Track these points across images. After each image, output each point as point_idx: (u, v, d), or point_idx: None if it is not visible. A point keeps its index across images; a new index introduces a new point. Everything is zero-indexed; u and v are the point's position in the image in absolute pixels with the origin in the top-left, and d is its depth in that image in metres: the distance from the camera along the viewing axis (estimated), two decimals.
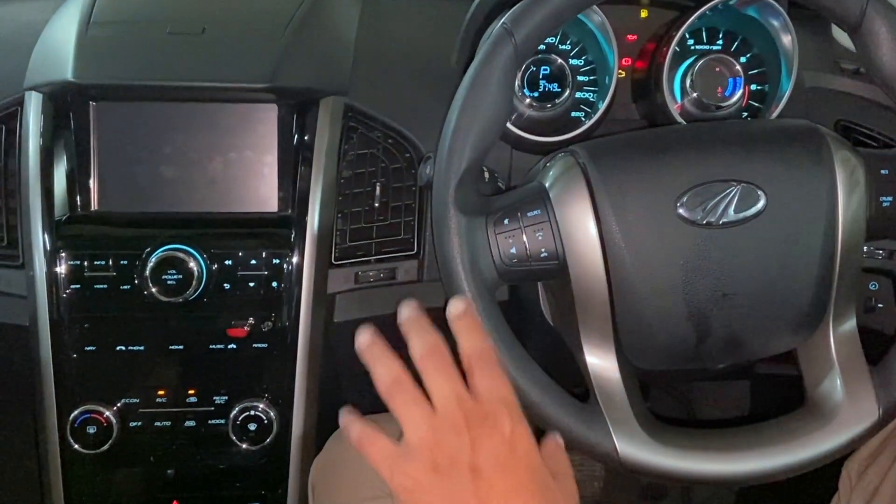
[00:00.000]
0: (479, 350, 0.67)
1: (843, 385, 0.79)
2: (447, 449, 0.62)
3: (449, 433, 0.62)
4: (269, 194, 1.00)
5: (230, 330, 0.99)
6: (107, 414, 0.98)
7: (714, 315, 0.76)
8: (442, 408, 0.64)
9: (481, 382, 0.65)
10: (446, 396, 0.64)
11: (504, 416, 0.63)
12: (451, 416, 0.63)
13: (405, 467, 0.63)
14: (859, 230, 0.77)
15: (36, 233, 0.95)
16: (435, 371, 0.65)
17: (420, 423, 0.63)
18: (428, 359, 0.66)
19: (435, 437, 0.62)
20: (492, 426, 0.63)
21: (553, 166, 0.79)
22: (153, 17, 1.03)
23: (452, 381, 0.65)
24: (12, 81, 0.99)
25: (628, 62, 1.05)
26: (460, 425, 0.62)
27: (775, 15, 0.97)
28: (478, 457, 0.61)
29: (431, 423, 0.63)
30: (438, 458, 0.62)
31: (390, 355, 0.68)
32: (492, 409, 0.64)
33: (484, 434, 0.62)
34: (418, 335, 0.68)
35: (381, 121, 1.01)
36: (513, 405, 0.65)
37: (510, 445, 0.62)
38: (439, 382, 0.65)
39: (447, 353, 0.66)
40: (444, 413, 0.63)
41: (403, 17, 1.15)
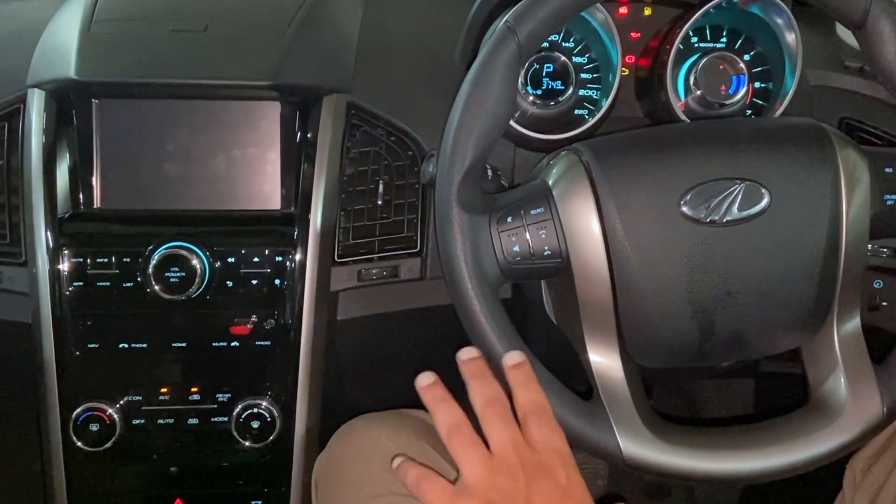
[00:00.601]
0: (535, 402, 0.70)
1: (848, 383, 0.79)
2: (503, 489, 0.65)
3: (505, 475, 0.65)
4: (272, 192, 1.00)
5: (233, 327, 0.99)
6: (110, 411, 0.98)
7: (718, 313, 0.76)
8: (499, 452, 0.67)
9: (537, 433, 0.68)
10: (504, 442, 0.67)
11: (559, 465, 0.67)
12: (508, 459, 0.66)
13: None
14: (863, 228, 0.77)
15: (39, 230, 0.95)
16: (494, 417, 0.68)
17: (477, 465, 0.66)
18: (489, 407, 0.69)
19: (491, 478, 0.65)
20: (547, 473, 0.66)
21: (556, 164, 0.79)
22: (156, 14, 1.02)
23: (510, 429, 0.68)
24: (15, 79, 0.99)
25: (632, 60, 1.05)
26: (516, 469, 0.66)
27: (779, 13, 0.97)
28: (533, 498, 0.64)
29: (489, 465, 0.66)
30: (494, 497, 0.65)
31: (451, 399, 0.71)
32: (547, 458, 0.67)
33: (539, 478, 0.65)
34: (480, 383, 0.71)
35: (384, 118, 1.01)
36: (567, 457, 0.68)
37: (565, 492, 0.66)
38: (498, 428, 0.68)
39: (507, 403, 0.70)
40: (501, 457, 0.67)
41: (406, 15, 1.14)
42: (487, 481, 0.65)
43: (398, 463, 0.74)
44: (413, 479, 0.71)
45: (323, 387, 1.03)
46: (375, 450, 0.92)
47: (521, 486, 0.64)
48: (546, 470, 0.66)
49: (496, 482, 0.65)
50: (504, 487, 0.65)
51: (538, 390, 0.71)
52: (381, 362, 1.17)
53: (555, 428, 0.69)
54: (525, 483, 0.65)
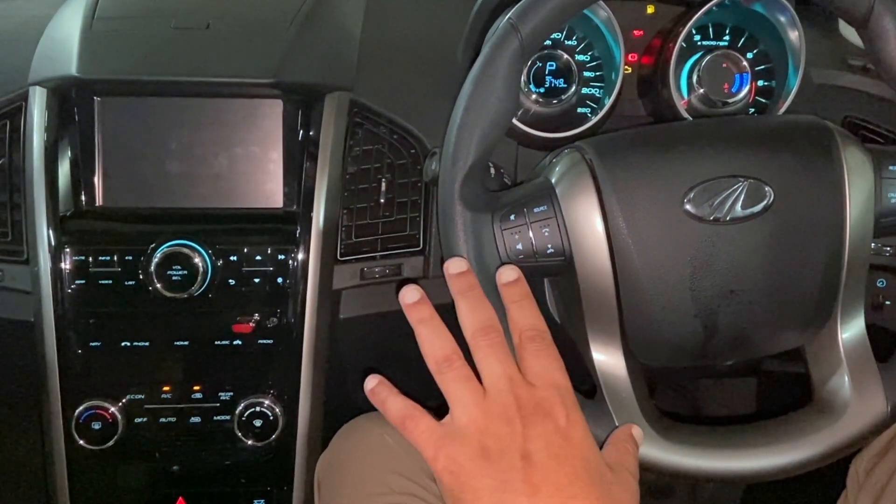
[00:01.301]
0: (533, 326, 0.65)
1: (852, 382, 0.78)
2: (498, 434, 0.60)
3: (499, 419, 0.60)
4: (275, 190, 1.00)
5: (235, 326, 0.99)
6: (112, 410, 0.98)
7: (721, 312, 0.76)
8: (493, 390, 0.61)
9: (535, 364, 0.63)
10: (498, 378, 0.62)
11: (558, 404, 0.61)
12: (503, 400, 0.61)
13: (451, 449, 0.61)
14: (867, 227, 0.77)
15: (40, 228, 0.95)
16: (488, 348, 0.63)
17: (470, 405, 0.61)
18: (481, 335, 0.63)
19: (485, 421, 0.60)
20: (545, 414, 0.60)
21: (559, 162, 0.79)
22: (157, 11, 1.02)
23: (505, 363, 0.62)
24: (16, 76, 0.99)
25: (634, 58, 1.05)
26: (512, 411, 0.60)
27: (782, 11, 0.97)
28: (529, 444, 0.59)
29: (482, 405, 0.61)
30: (488, 443, 0.60)
31: (444, 329, 0.65)
32: (545, 395, 0.62)
33: (537, 422, 0.60)
34: (471, 304, 0.65)
35: (387, 116, 1.01)
36: (567, 391, 0.63)
37: (564, 434, 0.60)
38: (491, 362, 0.62)
39: (501, 331, 0.64)
40: (495, 396, 0.61)
41: (409, 13, 1.14)
42: (480, 425, 0.60)
43: (373, 385, 0.68)
44: (396, 416, 0.65)
45: (325, 385, 1.03)
46: (378, 449, 0.92)
47: (517, 432, 0.59)
48: (544, 409, 0.61)
49: (490, 426, 0.60)
50: (499, 432, 0.59)
51: (536, 312, 0.66)
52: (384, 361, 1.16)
53: (554, 356, 0.64)
54: (521, 427, 0.59)
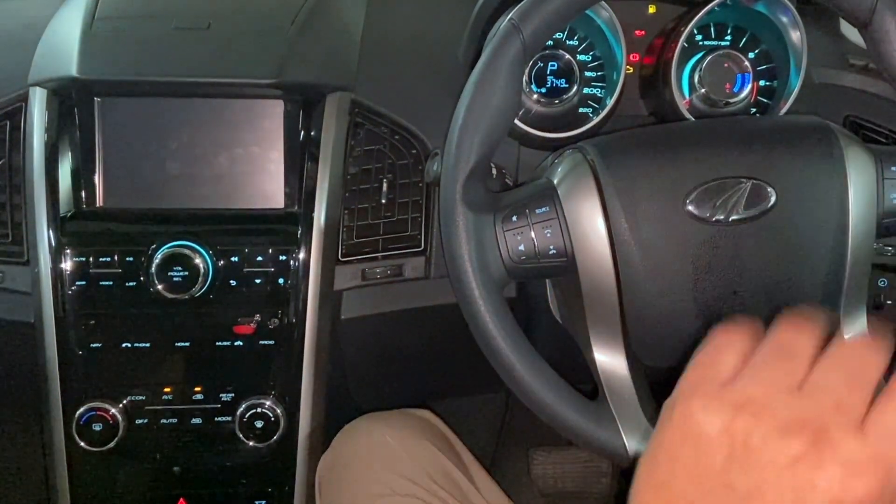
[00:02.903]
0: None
1: None
2: (756, 441, 0.43)
3: (779, 424, 0.43)
4: (276, 190, 1.00)
5: (236, 327, 0.99)
6: (113, 411, 0.98)
7: (724, 312, 0.75)
8: (812, 390, 0.45)
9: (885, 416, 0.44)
10: (833, 383, 0.45)
11: (872, 476, 0.41)
12: (809, 408, 0.44)
13: (708, 403, 0.46)
14: (869, 227, 0.77)
15: (41, 229, 0.95)
16: (857, 360, 0.46)
17: (770, 379, 0.46)
18: (860, 348, 0.46)
19: (763, 409, 0.44)
20: (847, 472, 0.41)
21: (561, 163, 0.79)
22: (158, 12, 1.02)
23: (863, 385, 0.45)
24: (17, 77, 0.98)
25: (636, 58, 1.05)
26: (807, 426, 0.43)
27: (784, 10, 0.97)
28: (779, 483, 0.42)
29: (780, 392, 0.45)
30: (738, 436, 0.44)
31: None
32: (865, 455, 0.42)
33: (824, 467, 0.42)
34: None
35: (388, 117, 1.01)
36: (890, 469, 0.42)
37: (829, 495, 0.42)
38: (846, 369, 0.45)
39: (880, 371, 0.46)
40: (808, 399, 0.44)
41: (410, 12, 1.14)
42: (760, 401, 0.44)
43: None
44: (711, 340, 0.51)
45: (327, 386, 1.03)
46: (379, 449, 0.92)
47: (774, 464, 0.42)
48: (843, 453, 0.41)
49: (771, 412, 0.43)
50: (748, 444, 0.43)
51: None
52: (385, 361, 1.17)
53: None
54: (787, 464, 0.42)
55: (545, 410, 0.74)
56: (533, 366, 0.74)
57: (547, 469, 1.60)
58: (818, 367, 0.46)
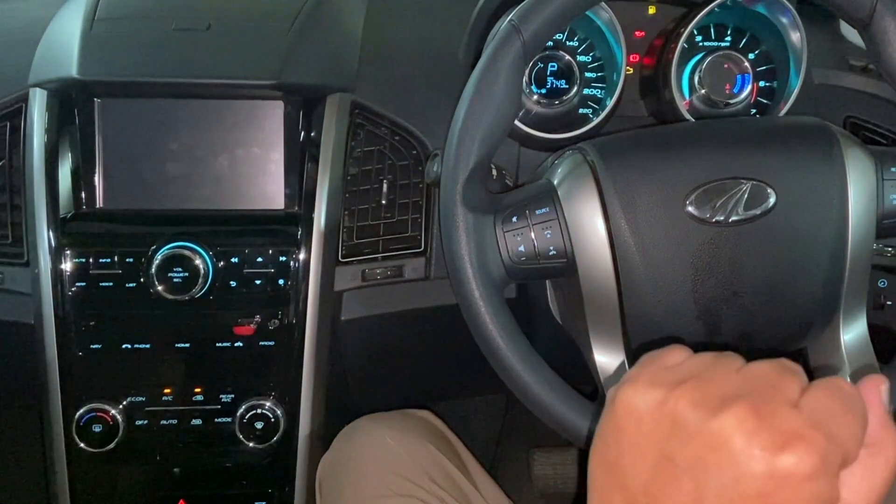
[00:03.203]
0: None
1: (854, 383, 0.78)
2: (705, 411, 0.43)
3: (723, 396, 0.43)
4: (276, 191, 1.00)
5: (237, 328, 0.99)
6: (113, 412, 0.98)
7: (724, 313, 0.76)
8: (754, 370, 0.45)
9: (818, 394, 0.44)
10: (770, 367, 0.45)
11: (805, 434, 0.41)
12: (751, 382, 0.44)
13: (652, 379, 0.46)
14: (869, 227, 0.77)
15: (41, 230, 0.95)
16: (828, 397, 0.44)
17: (713, 361, 0.47)
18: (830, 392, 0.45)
19: (707, 384, 0.44)
20: (771, 424, 0.41)
21: (561, 164, 0.79)
22: (158, 12, 1.02)
23: (802, 383, 0.45)
24: (17, 78, 0.98)
25: (636, 59, 1.05)
26: (747, 398, 0.43)
27: (784, 11, 0.97)
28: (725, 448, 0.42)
29: (722, 370, 0.45)
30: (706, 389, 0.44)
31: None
32: (803, 429, 0.42)
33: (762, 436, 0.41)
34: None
35: (388, 117, 1.01)
36: (835, 454, 0.42)
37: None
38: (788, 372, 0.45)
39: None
40: (749, 375, 0.45)
41: (410, 13, 1.14)
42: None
43: None
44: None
45: (327, 387, 1.03)
46: (379, 450, 0.92)
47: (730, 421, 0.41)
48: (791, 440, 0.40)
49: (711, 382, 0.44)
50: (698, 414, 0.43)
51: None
52: (385, 362, 1.17)
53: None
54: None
55: (545, 411, 0.74)
56: (533, 367, 0.74)
57: (547, 470, 1.60)
58: (754, 363, 0.46)
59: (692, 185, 0.74)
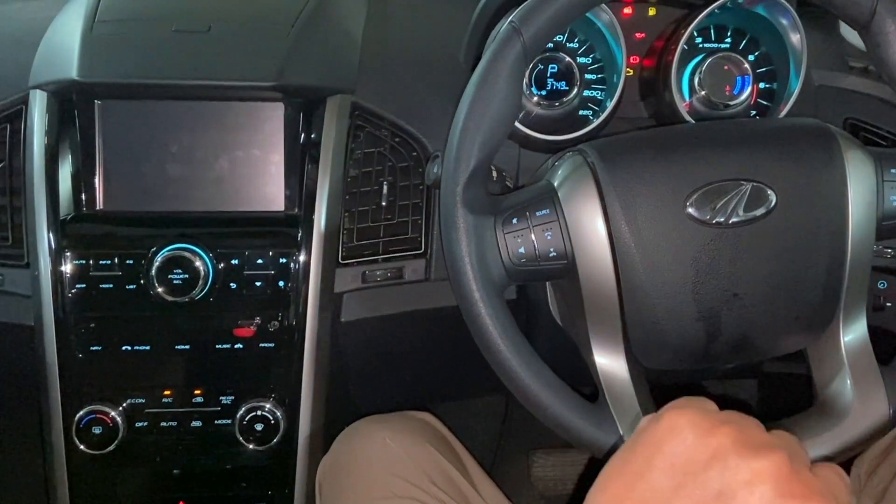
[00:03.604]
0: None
1: (854, 384, 0.78)
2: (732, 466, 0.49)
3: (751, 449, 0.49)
4: (276, 193, 1.00)
5: (237, 329, 0.99)
6: (112, 414, 0.98)
7: (724, 315, 0.75)
8: (778, 444, 0.51)
9: (829, 470, 0.53)
10: (789, 442, 0.52)
11: (818, 491, 0.48)
12: (778, 452, 0.49)
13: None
14: (869, 229, 0.77)
15: (41, 232, 0.95)
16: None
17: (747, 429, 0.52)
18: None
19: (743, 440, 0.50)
20: (790, 476, 0.48)
21: (562, 165, 0.79)
22: (158, 14, 1.02)
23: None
24: (17, 80, 0.98)
25: (636, 60, 1.05)
26: (753, 453, 0.49)
27: (784, 13, 0.97)
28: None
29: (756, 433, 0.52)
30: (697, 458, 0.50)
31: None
32: (817, 487, 0.49)
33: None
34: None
35: (389, 119, 1.01)
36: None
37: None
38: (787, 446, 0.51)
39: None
40: (776, 449, 0.50)
41: (410, 15, 1.14)
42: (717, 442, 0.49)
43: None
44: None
45: (327, 389, 1.03)
46: (379, 452, 0.92)
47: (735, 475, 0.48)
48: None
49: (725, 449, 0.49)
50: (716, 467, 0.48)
51: None
52: (386, 364, 1.16)
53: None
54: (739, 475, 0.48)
55: (545, 413, 0.74)
56: (533, 368, 0.74)
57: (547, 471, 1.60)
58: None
59: (692, 186, 0.74)
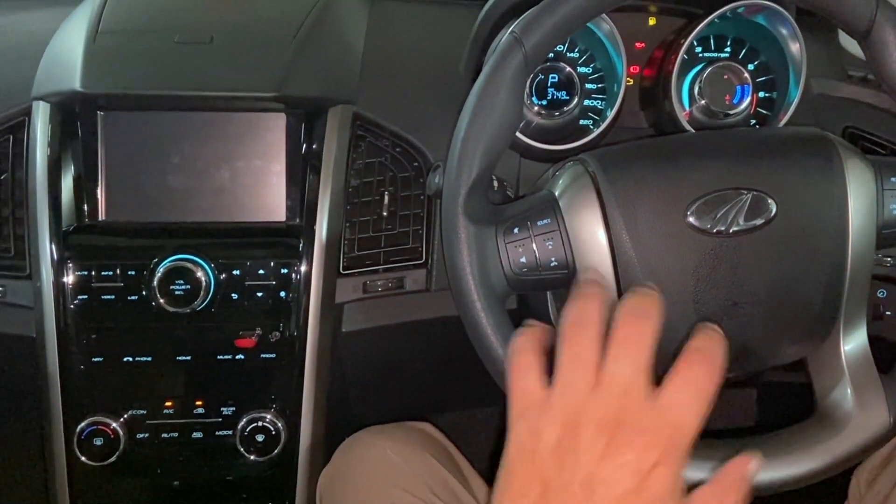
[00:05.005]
0: (703, 348, 0.56)
1: (854, 394, 0.78)
2: (575, 443, 0.51)
3: (589, 424, 0.51)
4: (277, 203, 1.00)
5: (238, 340, 0.98)
6: (114, 425, 0.98)
7: (725, 324, 0.75)
8: (607, 385, 0.52)
9: (674, 391, 0.53)
10: (619, 374, 0.52)
11: (660, 444, 0.50)
12: (607, 403, 0.51)
13: (534, 423, 0.53)
14: (869, 238, 0.77)
15: (43, 243, 0.95)
16: (632, 342, 0.54)
17: (574, 388, 0.52)
18: (629, 327, 0.55)
19: (575, 416, 0.51)
20: (640, 447, 0.50)
21: (562, 175, 0.79)
22: (161, 25, 1.02)
23: (639, 363, 0.53)
24: (20, 91, 0.99)
25: (636, 70, 1.05)
26: (608, 419, 0.51)
27: (783, 22, 0.97)
28: (599, 471, 0.50)
29: (583, 396, 0.52)
30: (565, 443, 0.51)
31: (603, 300, 0.57)
32: (653, 426, 0.51)
33: (622, 450, 0.50)
34: (634, 306, 0.57)
35: (390, 129, 1.01)
36: (683, 438, 0.52)
37: (639, 481, 0.50)
38: (626, 356, 0.53)
39: (652, 337, 0.55)
40: (604, 395, 0.52)
41: (411, 26, 1.14)
42: (570, 416, 0.52)
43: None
44: (514, 354, 0.57)
45: (328, 399, 1.03)
46: (380, 463, 0.92)
47: (596, 447, 0.50)
48: (644, 440, 0.50)
49: (577, 425, 0.51)
50: (578, 440, 0.51)
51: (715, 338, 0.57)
52: (387, 374, 1.16)
53: (697, 396, 0.53)
54: (604, 445, 0.50)
55: None
56: None
57: None
58: (607, 358, 0.54)
59: (693, 195, 0.74)
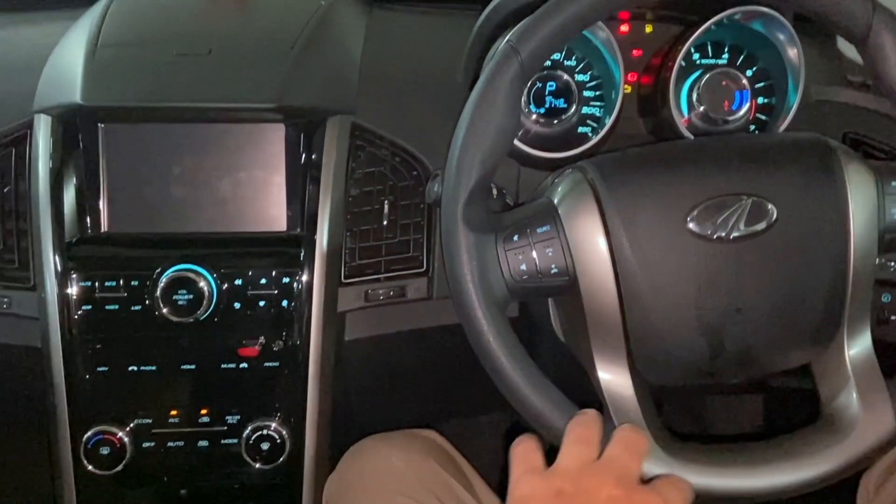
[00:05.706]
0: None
1: (860, 398, 0.78)
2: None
3: (585, 493, 0.63)
4: (278, 213, 1.00)
5: (241, 349, 0.99)
6: (120, 435, 0.98)
7: (727, 330, 0.76)
8: (606, 462, 0.65)
9: (669, 488, 0.66)
10: (613, 459, 0.66)
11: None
12: (602, 475, 0.64)
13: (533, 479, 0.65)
14: (871, 243, 0.77)
15: (47, 255, 0.95)
16: (625, 445, 0.67)
17: (575, 459, 0.66)
18: (625, 440, 0.69)
19: (574, 485, 0.63)
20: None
21: (562, 182, 0.80)
22: (160, 38, 1.03)
23: (634, 463, 0.66)
24: (21, 105, 0.99)
25: (634, 77, 1.05)
26: (600, 487, 0.63)
27: (781, 28, 0.97)
28: None
29: (583, 468, 0.65)
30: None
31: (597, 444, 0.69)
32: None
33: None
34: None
35: (389, 139, 1.01)
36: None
37: None
38: (624, 452, 0.67)
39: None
40: (600, 467, 0.65)
41: (409, 35, 1.15)
42: (571, 484, 0.64)
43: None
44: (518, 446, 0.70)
45: (332, 407, 1.03)
46: (385, 470, 0.92)
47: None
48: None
49: (578, 490, 0.64)
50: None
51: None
52: (390, 382, 1.16)
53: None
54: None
55: (551, 430, 0.74)
56: (537, 385, 0.74)
57: None
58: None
59: (693, 201, 0.74)
